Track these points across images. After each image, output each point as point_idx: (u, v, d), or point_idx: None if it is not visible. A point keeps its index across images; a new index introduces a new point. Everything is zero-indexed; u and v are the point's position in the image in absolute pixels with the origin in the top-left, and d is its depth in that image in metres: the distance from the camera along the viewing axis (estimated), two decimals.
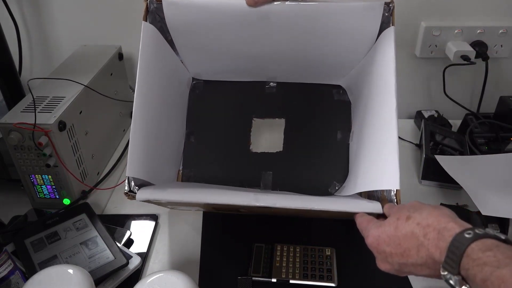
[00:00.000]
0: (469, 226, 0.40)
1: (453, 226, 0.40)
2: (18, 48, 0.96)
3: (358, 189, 0.63)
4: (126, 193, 0.57)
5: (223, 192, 0.62)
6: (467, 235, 0.38)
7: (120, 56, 0.93)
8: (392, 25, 0.60)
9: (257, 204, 0.55)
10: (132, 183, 0.58)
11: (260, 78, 0.77)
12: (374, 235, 0.47)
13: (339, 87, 0.76)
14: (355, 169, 0.68)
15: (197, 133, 0.77)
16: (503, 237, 0.38)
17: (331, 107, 0.76)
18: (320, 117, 0.76)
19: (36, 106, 0.71)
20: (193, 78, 0.78)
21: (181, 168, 0.76)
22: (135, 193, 0.57)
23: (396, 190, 0.54)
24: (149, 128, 0.63)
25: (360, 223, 0.52)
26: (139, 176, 0.59)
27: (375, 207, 0.54)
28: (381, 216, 0.53)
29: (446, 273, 0.38)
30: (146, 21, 0.63)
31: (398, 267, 0.45)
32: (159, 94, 0.66)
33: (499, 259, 0.35)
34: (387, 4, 0.60)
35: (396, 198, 0.54)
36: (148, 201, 0.59)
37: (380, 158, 0.57)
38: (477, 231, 0.38)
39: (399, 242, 0.44)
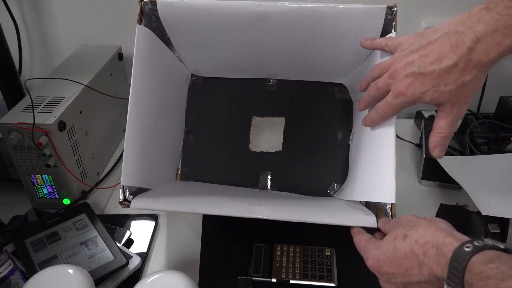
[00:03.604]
0: (466, 239, 0.40)
1: (451, 241, 0.40)
2: (18, 48, 0.96)
3: (355, 197, 0.62)
4: (120, 202, 0.57)
5: (216, 202, 0.62)
6: (466, 249, 0.37)
7: (120, 56, 0.93)
8: (394, 30, 0.60)
9: (250, 216, 0.55)
10: (127, 192, 0.58)
11: (260, 76, 0.77)
12: (374, 257, 0.47)
13: (340, 85, 0.76)
14: (354, 172, 0.68)
15: (196, 131, 0.77)
16: (502, 246, 0.37)
17: (332, 106, 0.75)
18: (321, 116, 0.75)
19: (36, 106, 0.71)
20: (192, 74, 0.78)
21: (180, 167, 0.76)
22: (130, 201, 0.57)
23: (392, 204, 0.54)
24: (145, 130, 0.63)
25: (358, 242, 0.51)
26: (134, 184, 0.59)
27: (370, 221, 0.54)
28: (376, 231, 0.53)
29: None
30: (140, 23, 0.62)
31: (402, 286, 0.44)
32: (155, 95, 0.66)
33: (502, 271, 0.34)
34: (389, 8, 0.60)
35: (391, 211, 0.54)
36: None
37: (377, 169, 0.57)
38: (475, 243, 0.37)
39: (400, 262, 0.43)
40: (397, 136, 0.56)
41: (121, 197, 0.57)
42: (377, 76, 0.55)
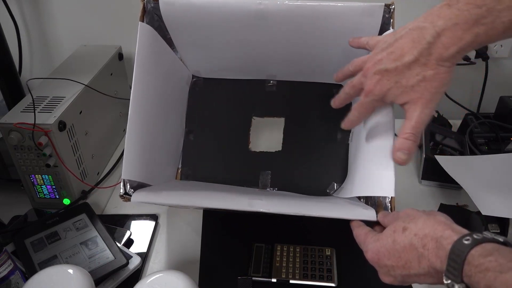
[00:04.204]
0: (466, 231, 0.40)
1: (450, 233, 0.40)
2: (18, 48, 0.96)
3: (354, 193, 0.63)
4: (121, 196, 0.57)
5: (217, 196, 0.62)
6: (465, 242, 0.37)
7: (120, 56, 0.93)
8: (392, 27, 0.60)
9: (251, 209, 0.55)
10: (128, 186, 0.58)
11: (260, 76, 0.77)
12: (373, 250, 0.47)
13: (339, 86, 0.76)
14: (353, 171, 0.68)
15: (196, 131, 0.77)
16: (501, 239, 0.37)
17: (331, 106, 0.75)
18: (320, 116, 0.76)
19: (36, 106, 0.71)
20: (193, 75, 0.78)
21: (180, 167, 0.76)
22: (130, 195, 0.57)
23: (391, 197, 0.54)
24: (146, 128, 0.63)
25: (357, 235, 0.52)
26: (134, 178, 0.59)
27: (369, 214, 0.54)
28: (376, 224, 0.53)
29: (449, 281, 0.38)
30: (143, 21, 0.63)
31: (401, 279, 0.45)
32: (156, 93, 0.66)
33: (501, 264, 0.34)
34: (387, 6, 0.60)
35: (391, 205, 0.54)
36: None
37: (376, 165, 0.57)
38: (475, 236, 0.38)
39: (399, 255, 0.44)
40: (397, 136, 0.56)
41: (121, 191, 0.57)
42: (353, 71, 0.56)
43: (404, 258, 0.43)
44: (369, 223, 0.53)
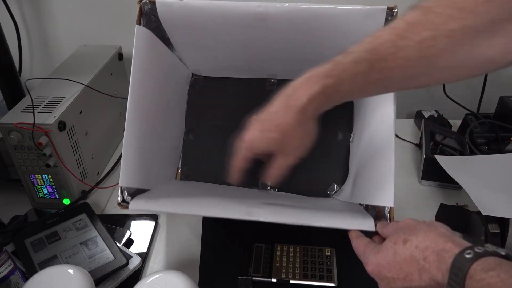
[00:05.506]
0: (467, 244, 0.40)
1: (451, 246, 0.40)
2: (18, 48, 0.96)
3: (354, 199, 0.63)
4: (119, 204, 0.57)
5: (215, 204, 0.62)
6: (467, 256, 0.37)
7: (120, 56, 0.93)
8: None
9: (249, 218, 0.55)
10: (125, 193, 0.58)
11: (260, 75, 0.77)
12: (374, 262, 0.47)
13: None
14: (353, 174, 0.68)
15: (196, 131, 0.77)
16: (503, 252, 0.37)
17: (332, 107, 0.75)
18: (321, 116, 0.75)
19: (36, 106, 0.71)
20: (193, 74, 0.78)
21: (179, 166, 0.76)
22: (128, 203, 0.57)
23: (390, 207, 0.54)
24: (145, 129, 0.63)
25: (357, 247, 0.52)
26: (132, 185, 0.59)
27: (368, 224, 0.54)
28: (374, 234, 0.53)
29: None
30: (139, 24, 0.62)
31: None
32: (155, 95, 0.66)
33: (503, 279, 0.34)
34: (390, 9, 0.60)
35: (389, 215, 0.54)
36: None
37: (377, 172, 0.57)
38: (476, 250, 0.37)
39: (400, 267, 0.43)
40: (397, 136, 0.56)
41: (119, 199, 0.57)
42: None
43: (405, 270, 0.43)
44: (368, 233, 0.53)
